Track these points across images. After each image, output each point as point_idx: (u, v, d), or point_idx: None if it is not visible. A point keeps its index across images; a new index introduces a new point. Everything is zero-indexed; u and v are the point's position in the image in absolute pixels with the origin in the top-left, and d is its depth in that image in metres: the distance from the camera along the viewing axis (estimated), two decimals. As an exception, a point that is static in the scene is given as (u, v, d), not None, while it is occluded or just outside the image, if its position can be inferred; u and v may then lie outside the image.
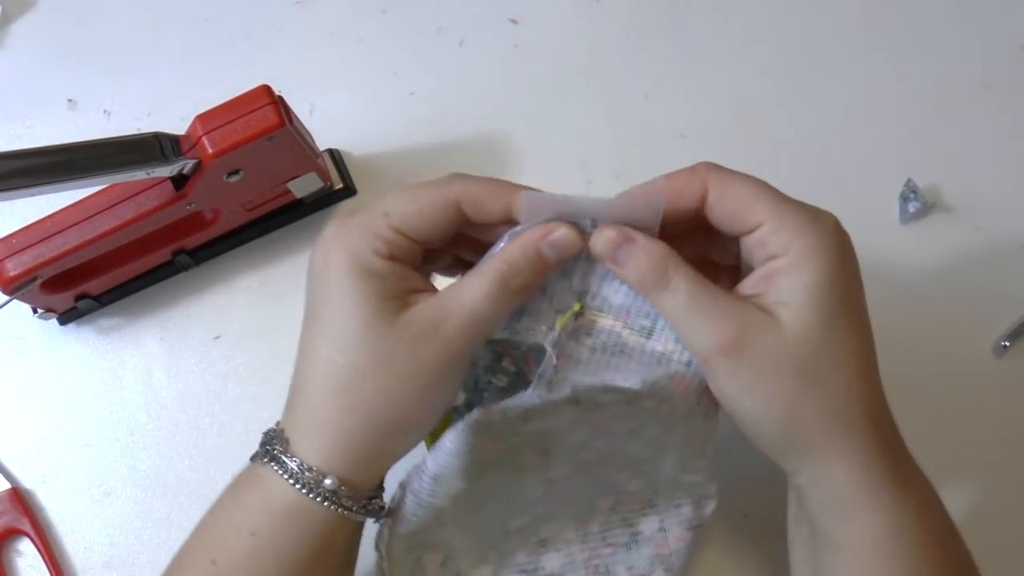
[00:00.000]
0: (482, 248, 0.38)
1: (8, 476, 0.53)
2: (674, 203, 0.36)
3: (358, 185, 0.57)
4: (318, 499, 0.36)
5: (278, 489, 0.37)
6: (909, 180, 0.55)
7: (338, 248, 0.36)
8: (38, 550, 0.51)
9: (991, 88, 0.58)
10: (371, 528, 0.41)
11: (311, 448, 0.37)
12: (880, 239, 0.55)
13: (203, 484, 0.53)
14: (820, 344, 0.34)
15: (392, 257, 0.36)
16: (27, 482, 0.53)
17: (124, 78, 0.60)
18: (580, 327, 0.37)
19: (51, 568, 0.51)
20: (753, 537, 0.51)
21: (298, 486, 0.36)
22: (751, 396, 0.35)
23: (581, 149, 0.58)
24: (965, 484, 0.51)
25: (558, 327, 0.37)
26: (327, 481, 0.36)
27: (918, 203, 0.54)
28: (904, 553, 0.36)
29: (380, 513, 0.39)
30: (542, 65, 0.60)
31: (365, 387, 0.36)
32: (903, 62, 0.59)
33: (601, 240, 0.36)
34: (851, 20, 0.60)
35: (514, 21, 0.61)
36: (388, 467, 0.39)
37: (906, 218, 0.55)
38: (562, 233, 0.36)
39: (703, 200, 0.36)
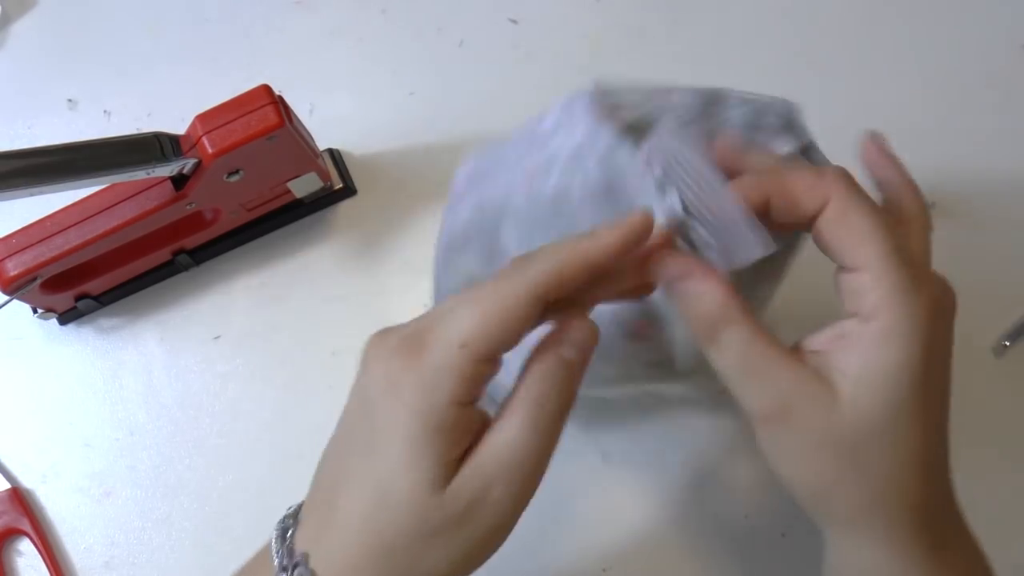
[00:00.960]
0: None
1: (8, 476, 0.53)
2: (788, 207, 0.32)
3: (358, 185, 0.57)
4: None
5: None
6: (909, 180, 0.55)
7: (413, 394, 0.31)
8: (38, 550, 0.51)
9: (991, 88, 0.58)
10: None
11: None
12: (880, 239, 0.55)
13: (203, 484, 0.53)
14: (875, 432, 0.31)
15: (473, 398, 0.31)
16: (27, 482, 0.53)
17: (124, 78, 0.60)
18: None
19: (51, 568, 0.51)
20: (753, 537, 0.51)
21: None
22: (787, 466, 0.33)
23: (581, 149, 0.58)
24: (964, 484, 0.50)
25: None
26: None
27: (918, 203, 0.54)
28: None
29: None
30: (542, 65, 0.60)
31: (406, 553, 0.32)
32: (903, 62, 0.59)
33: (662, 268, 0.32)
34: (851, 20, 0.60)
35: (514, 21, 0.61)
36: None
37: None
38: (577, 327, 0.32)
39: (819, 212, 0.32)
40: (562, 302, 0.32)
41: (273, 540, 0.35)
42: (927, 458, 0.32)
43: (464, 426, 0.31)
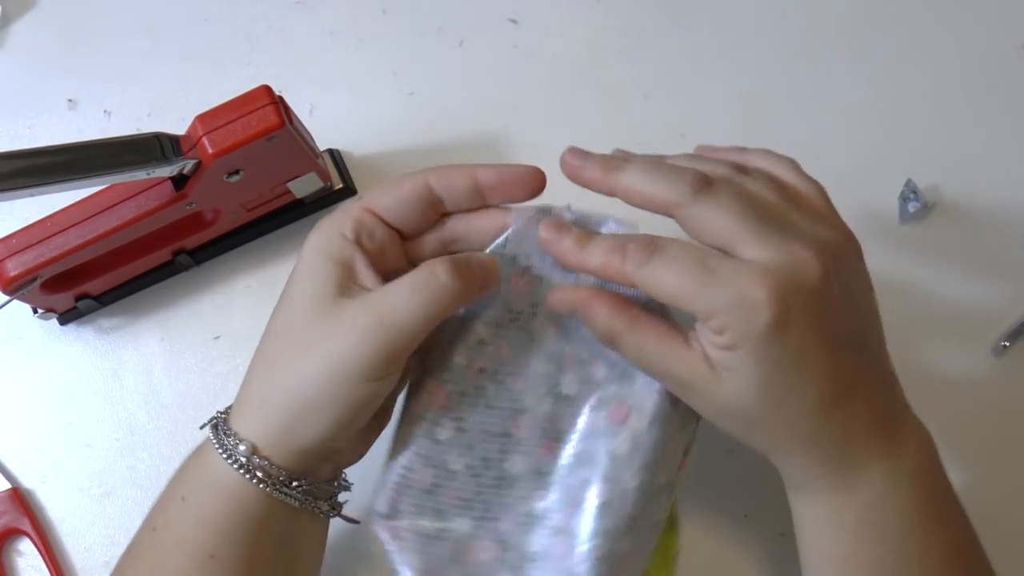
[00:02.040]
0: None
1: (8, 476, 0.53)
2: (609, 279, 0.38)
3: (358, 185, 0.57)
4: (234, 465, 0.37)
5: (210, 457, 0.38)
6: (909, 180, 0.55)
7: (315, 233, 0.39)
8: (38, 550, 0.51)
9: (991, 88, 0.58)
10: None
11: (240, 417, 0.39)
12: (880, 239, 0.55)
13: (203, 484, 0.53)
14: (754, 403, 0.36)
15: (358, 240, 0.39)
16: (27, 482, 0.53)
17: (124, 78, 0.60)
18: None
19: (51, 568, 0.51)
20: (753, 537, 0.51)
21: (220, 451, 0.38)
22: (706, 416, 0.39)
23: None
24: (965, 484, 0.50)
25: None
26: (241, 447, 0.37)
27: (918, 203, 0.54)
28: (846, 535, 0.38)
29: (308, 502, 0.40)
30: (542, 65, 0.60)
31: (285, 360, 0.38)
32: (903, 62, 0.59)
33: (559, 301, 0.39)
34: (851, 20, 0.60)
35: (514, 21, 0.61)
36: (308, 450, 0.38)
37: (906, 218, 0.55)
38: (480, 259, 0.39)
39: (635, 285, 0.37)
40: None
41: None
42: (815, 404, 0.36)
43: (356, 263, 0.38)
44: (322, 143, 0.54)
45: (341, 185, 0.56)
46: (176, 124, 0.47)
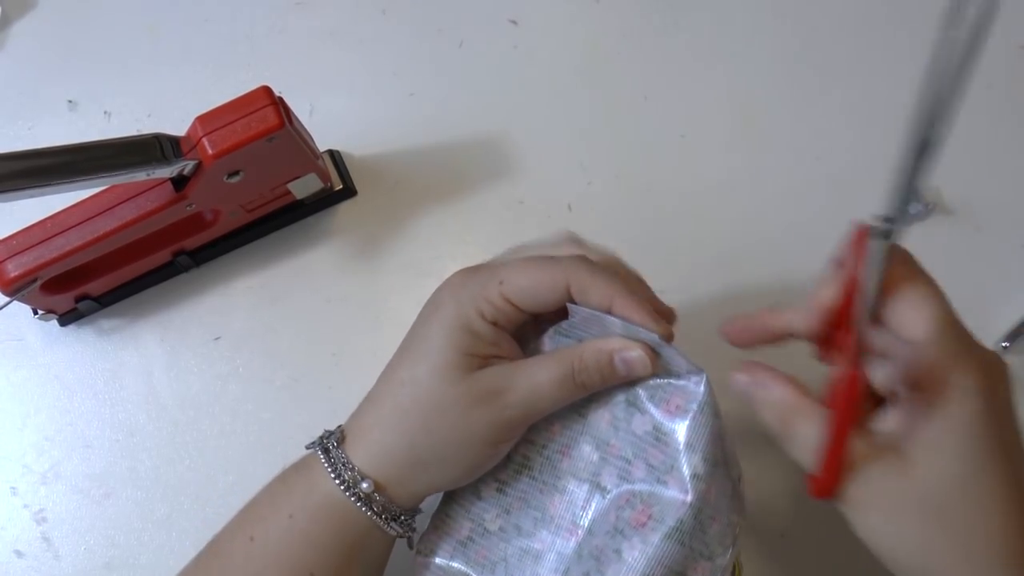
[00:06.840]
0: None
1: (8, 476, 0.53)
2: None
3: (358, 186, 0.57)
4: (352, 498, 0.39)
5: (321, 480, 0.40)
6: (909, 181, 0.55)
7: (452, 299, 0.40)
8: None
9: (991, 88, 0.58)
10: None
11: (360, 452, 0.40)
12: (880, 239, 0.55)
13: (203, 485, 0.53)
14: (960, 492, 0.33)
15: (495, 323, 0.40)
16: (27, 482, 0.53)
17: (124, 78, 0.60)
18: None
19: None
20: (753, 537, 0.51)
21: (338, 481, 0.39)
22: (882, 543, 0.35)
23: (581, 149, 0.58)
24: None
25: None
26: (364, 484, 0.39)
27: (918, 204, 0.54)
28: None
29: (409, 533, 0.42)
30: (542, 65, 0.60)
31: (418, 420, 0.39)
32: (902, 62, 0.59)
33: (742, 380, 0.38)
34: (851, 20, 0.60)
35: (514, 22, 0.61)
36: (423, 494, 0.41)
37: (906, 219, 0.55)
38: (638, 355, 0.39)
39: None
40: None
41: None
42: (1011, 508, 0.33)
43: (487, 338, 0.40)
44: (322, 143, 0.54)
45: (341, 186, 0.56)
46: (176, 125, 0.47)
